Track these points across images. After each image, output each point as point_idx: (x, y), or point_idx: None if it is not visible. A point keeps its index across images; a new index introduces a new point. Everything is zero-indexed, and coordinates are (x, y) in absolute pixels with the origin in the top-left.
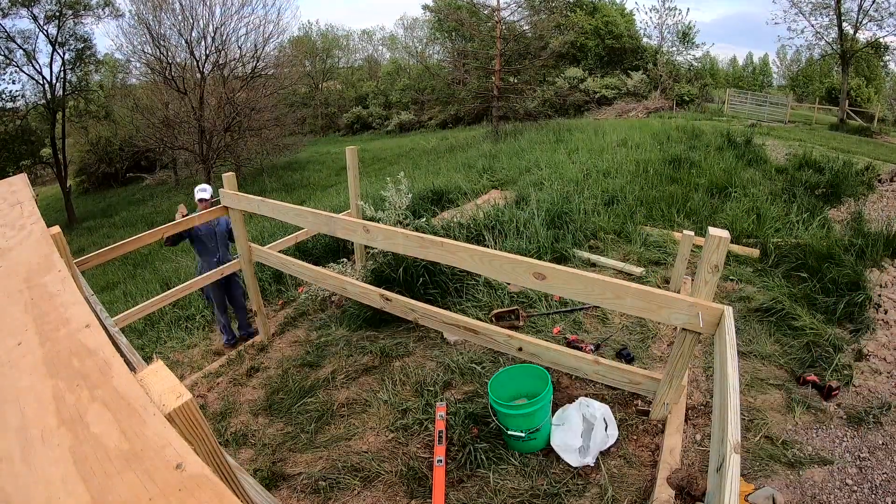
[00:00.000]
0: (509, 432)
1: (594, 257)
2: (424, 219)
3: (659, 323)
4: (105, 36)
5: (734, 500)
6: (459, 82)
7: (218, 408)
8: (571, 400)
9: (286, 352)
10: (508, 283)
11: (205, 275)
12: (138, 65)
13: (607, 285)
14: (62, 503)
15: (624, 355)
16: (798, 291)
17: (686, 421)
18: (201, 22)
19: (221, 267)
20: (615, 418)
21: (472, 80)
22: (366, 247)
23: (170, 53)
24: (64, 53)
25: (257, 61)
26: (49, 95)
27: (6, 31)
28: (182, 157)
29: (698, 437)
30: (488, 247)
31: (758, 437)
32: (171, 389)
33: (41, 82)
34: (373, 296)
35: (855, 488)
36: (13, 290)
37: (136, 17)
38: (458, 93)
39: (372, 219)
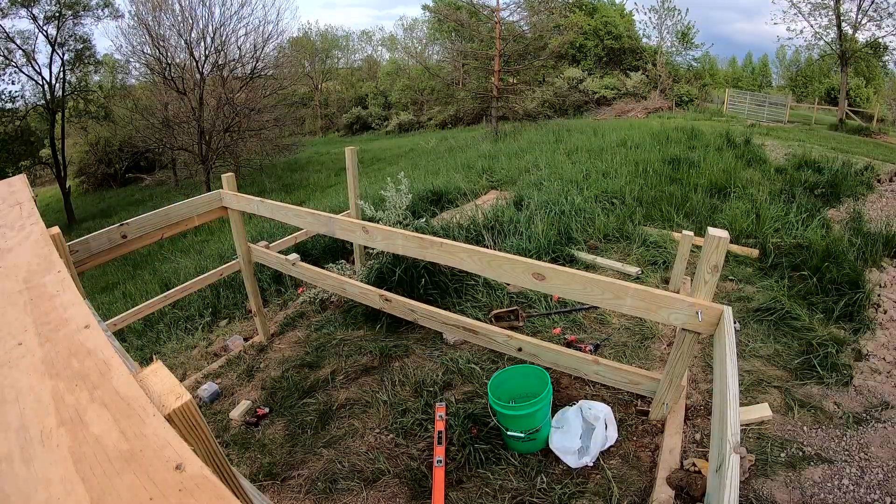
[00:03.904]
0: (509, 433)
1: (592, 257)
2: (424, 219)
3: (658, 323)
4: (104, 36)
5: (734, 500)
6: (459, 83)
7: (217, 408)
8: (571, 400)
9: (286, 352)
10: (508, 284)
11: (203, 276)
12: (137, 65)
13: (607, 285)
14: None
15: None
16: (797, 291)
17: (685, 421)
18: (201, 23)
19: (221, 267)
20: (615, 419)
21: (471, 80)
22: (365, 247)
23: (169, 54)
24: (63, 54)
25: (257, 62)
26: (48, 96)
27: (6, 32)
28: (181, 157)
29: (698, 436)
30: (488, 247)
31: (757, 437)
32: (171, 390)
33: (40, 83)
34: (372, 296)
35: (854, 488)
36: (13, 290)
37: (135, 18)
38: (457, 93)
39: (371, 219)
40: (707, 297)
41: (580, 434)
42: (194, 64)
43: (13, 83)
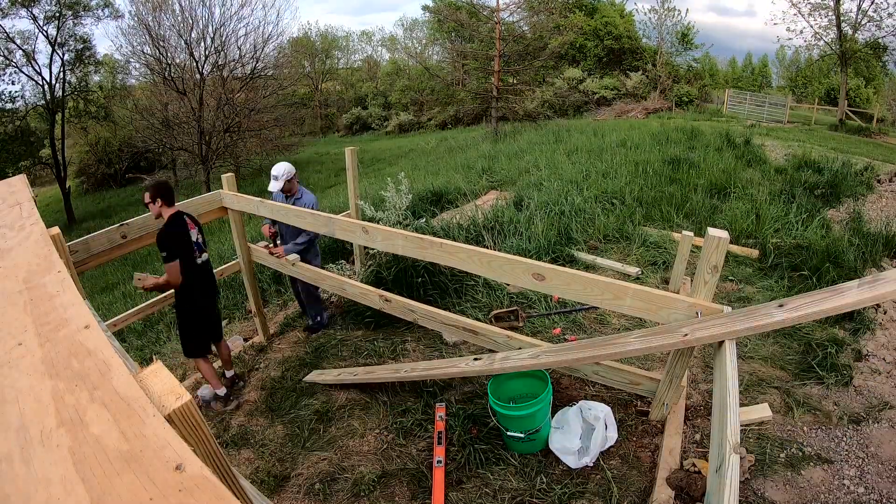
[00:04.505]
0: (509, 433)
1: (592, 258)
2: (424, 219)
3: (658, 323)
4: (104, 37)
5: (734, 500)
6: (459, 83)
7: (217, 409)
8: (571, 400)
9: (286, 352)
10: (508, 284)
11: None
12: (137, 65)
13: (606, 286)
14: None
15: None
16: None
17: (685, 421)
18: (201, 23)
19: (221, 267)
20: (615, 419)
21: (471, 80)
22: (365, 248)
23: (169, 54)
24: (63, 54)
25: (257, 62)
26: (48, 96)
27: (6, 32)
28: (181, 157)
29: (697, 436)
30: (487, 247)
31: (757, 437)
32: (171, 390)
33: (41, 83)
34: (372, 296)
35: (853, 488)
36: (13, 290)
37: (135, 18)
38: (457, 93)
39: (371, 219)
40: (707, 297)
41: (580, 434)
42: (194, 64)
43: (13, 83)
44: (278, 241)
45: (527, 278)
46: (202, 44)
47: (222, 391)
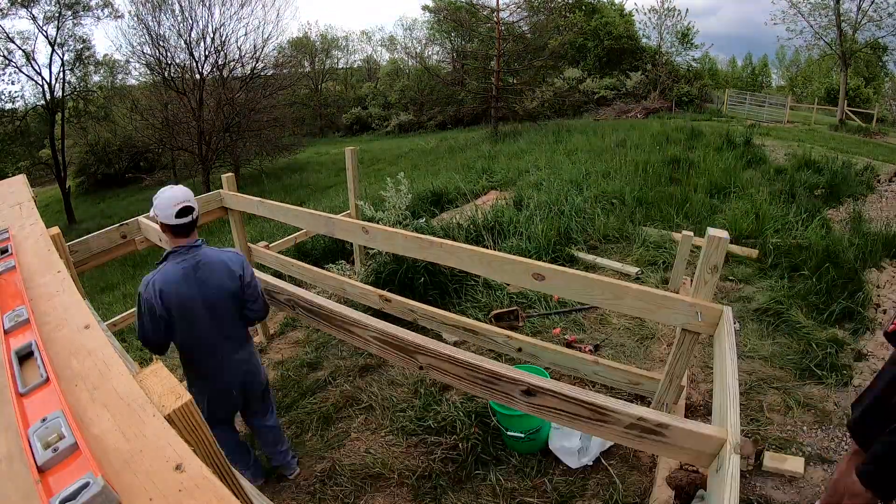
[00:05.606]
0: (509, 433)
1: (592, 258)
2: (424, 219)
3: (658, 323)
4: (105, 37)
5: (734, 500)
6: (458, 83)
7: None
8: None
9: (285, 353)
10: (508, 284)
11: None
12: (137, 65)
13: (607, 286)
14: None
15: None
16: (797, 291)
17: None
18: (200, 23)
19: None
20: None
21: (471, 80)
22: (365, 248)
23: (169, 54)
24: (63, 54)
25: (256, 62)
26: (48, 96)
27: (5, 32)
28: (181, 157)
29: None
30: (487, 247)
31: (757, 438)
32: (171, 390)
33: (40, 83)
34: (372, 297)
35: None
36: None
37: (135, 18)
38: (457, 94)
39: (371, 219)
40: (707, 297)
41: (580, 434)
42: (194, 64)
43: (13, 83)
44: None
45: (527, 278)
46: (202, 44)
47: None
